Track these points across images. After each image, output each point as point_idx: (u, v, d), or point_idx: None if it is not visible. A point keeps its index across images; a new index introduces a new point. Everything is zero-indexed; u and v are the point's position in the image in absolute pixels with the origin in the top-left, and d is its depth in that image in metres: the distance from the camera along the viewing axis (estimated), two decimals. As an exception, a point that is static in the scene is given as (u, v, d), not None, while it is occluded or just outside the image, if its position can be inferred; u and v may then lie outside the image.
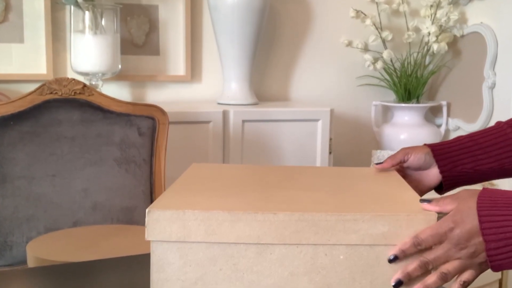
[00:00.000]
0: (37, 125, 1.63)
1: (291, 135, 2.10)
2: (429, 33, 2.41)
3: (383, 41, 2.45)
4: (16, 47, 2.03)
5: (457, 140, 1.01)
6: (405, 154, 1.01)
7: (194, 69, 2.29)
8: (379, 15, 2.45)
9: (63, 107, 1.66)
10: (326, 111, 2.13)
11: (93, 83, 1.97)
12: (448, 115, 2.57)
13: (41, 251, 1.35)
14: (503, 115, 2.28)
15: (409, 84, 2.46)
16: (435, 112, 2.65)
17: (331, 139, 2.15)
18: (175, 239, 0.75)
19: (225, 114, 2.01)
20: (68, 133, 1.67)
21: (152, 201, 1.74)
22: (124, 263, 1.08)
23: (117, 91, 2.15)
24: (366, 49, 2.48)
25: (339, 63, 2.52)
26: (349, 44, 2.45)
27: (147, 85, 2.23)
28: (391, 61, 2.45)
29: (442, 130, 2.55)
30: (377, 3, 2.44)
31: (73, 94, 1.66)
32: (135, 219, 1.72)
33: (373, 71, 2.48)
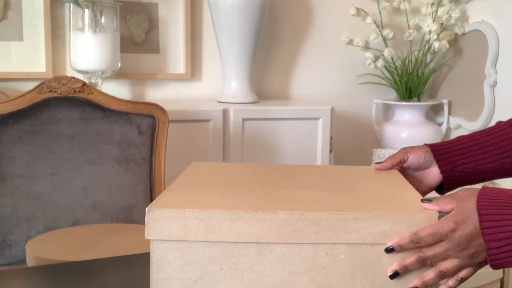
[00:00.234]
0: (36, 123, 1.63)
1: (292, 134, 2.10)
2: (430, 31, 2.41)
3: (384, 39, 2.44)
4: (15, 45, 2.02)
5: (457, 140, 1.01)
6: (405, 153, 1.01)
7: (194, 67, 2.28)
8: (380, 13, 2.45)
9: (62, 105, 1.65)
10: (326, 110, 2.13)
11: (93, 81, 1.96)
12: (449, 114, 2.57)
13: (40, 250, 1.35)
14: (505, 113, 2.27)
15: (410, 82, 2.45)
16: (436, 110, 2.65)
17: (331, 138, 2.14)
18: (175, 238, 0.75)
19: (225, 112, 2.01)
20: (67, 131, 1.66)
21: (152, 200, 1.73)
22: (123, 262, 1.08)
23: (117, 90, 2.14)
24: (367, 47, 2.47)
25: (340, 61, 2.52)
26: (350, 42, 2.44)
27: (147, 84, 2.23)
28: (392, 59, 2.44)
29: (443, 128, 2.54)
30: (378, 1, 2.44)
31: (72, 92, 1.65)
32: (135, 218, 1.72)
33: (374, 69, 2.47)
